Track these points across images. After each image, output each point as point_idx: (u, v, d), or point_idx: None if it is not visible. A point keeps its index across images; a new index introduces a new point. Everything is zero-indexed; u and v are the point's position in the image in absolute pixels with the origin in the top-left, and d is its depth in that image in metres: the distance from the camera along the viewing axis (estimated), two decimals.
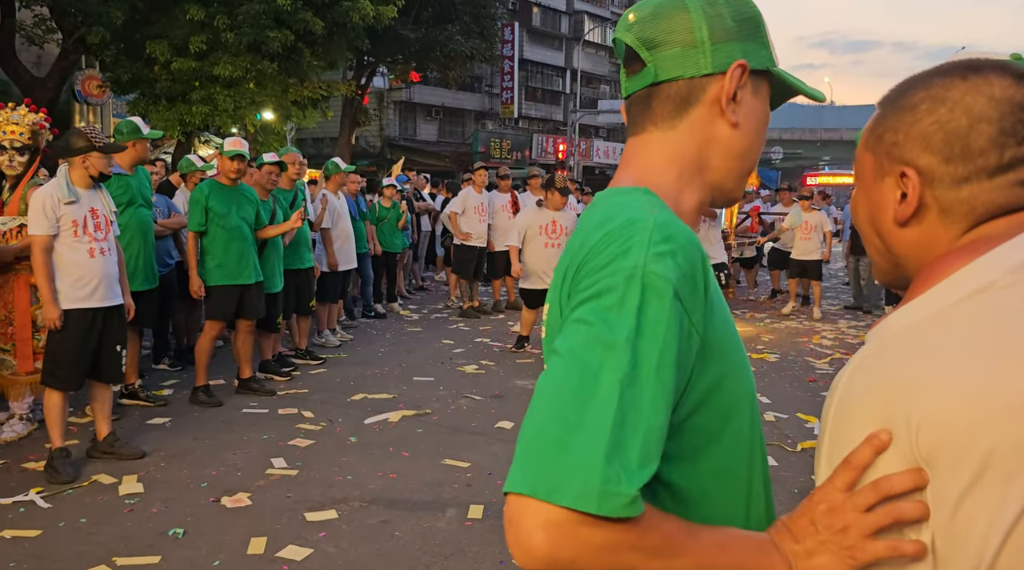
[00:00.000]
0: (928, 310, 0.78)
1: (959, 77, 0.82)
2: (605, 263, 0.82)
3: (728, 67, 0.94)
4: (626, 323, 0.77)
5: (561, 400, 0.74)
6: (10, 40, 13.28)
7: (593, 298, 0.80)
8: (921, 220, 0.84)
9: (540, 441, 0.73)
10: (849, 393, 0.79)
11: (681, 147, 0.97)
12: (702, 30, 0.94)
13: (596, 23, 37.66)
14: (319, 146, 27.38)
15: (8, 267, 4.61)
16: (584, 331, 0.78)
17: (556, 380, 0.76)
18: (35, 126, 4.70)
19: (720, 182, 1.00)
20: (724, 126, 0.96)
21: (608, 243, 0.83)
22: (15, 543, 3.39)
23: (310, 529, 3.61)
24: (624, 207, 0.89)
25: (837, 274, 16.17)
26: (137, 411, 5.34)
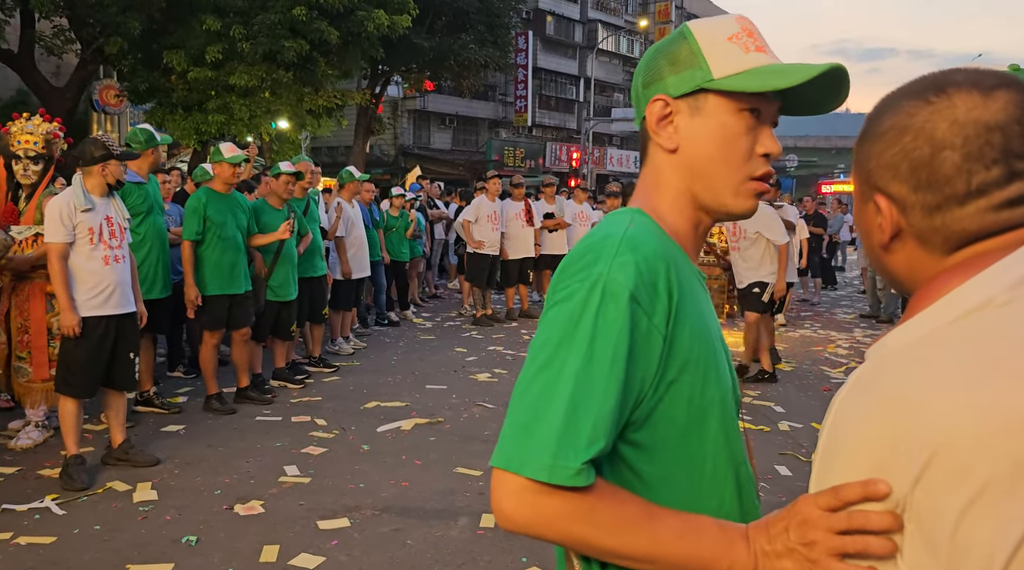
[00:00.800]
0: (926, 328, 0.77)
1: (923, 101, 0.81)
2: (577, 270, 0.96)
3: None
4: (586, 323, 0.91)
5: (530, 392, 0.92)
6: (30, 51, 13.47)
7: (563, 301, 0.95)
8: (902, 245, 0.85)
9: (514, 427, 0.91)
10: (845, 410, 0.79)
11: (653, 177, 1.11)
12: (640, 79, 1.11)
13: (610, 32, 37.70)
14: (334, 154, 27.52)
15: (24, 276, 4.65)
16: (553, 331, 0.94)
17: (528, 374, 0.93)
18: (49, 135, 4.75)
19: (699, 199, 1.09)
20: (664, 153, 1.09)
21: (584, 253, 0.97)
22: (31, 550, 3.41)
23: (322, 537, 3.61)
24: (609, 223, 1.04)
25: (852, 283, 16.07)
26: (152, 418, 5.37)
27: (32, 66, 13.54)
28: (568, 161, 32.21)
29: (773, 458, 4.76)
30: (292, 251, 6.25)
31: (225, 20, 13.04)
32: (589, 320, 0.91)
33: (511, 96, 33.75)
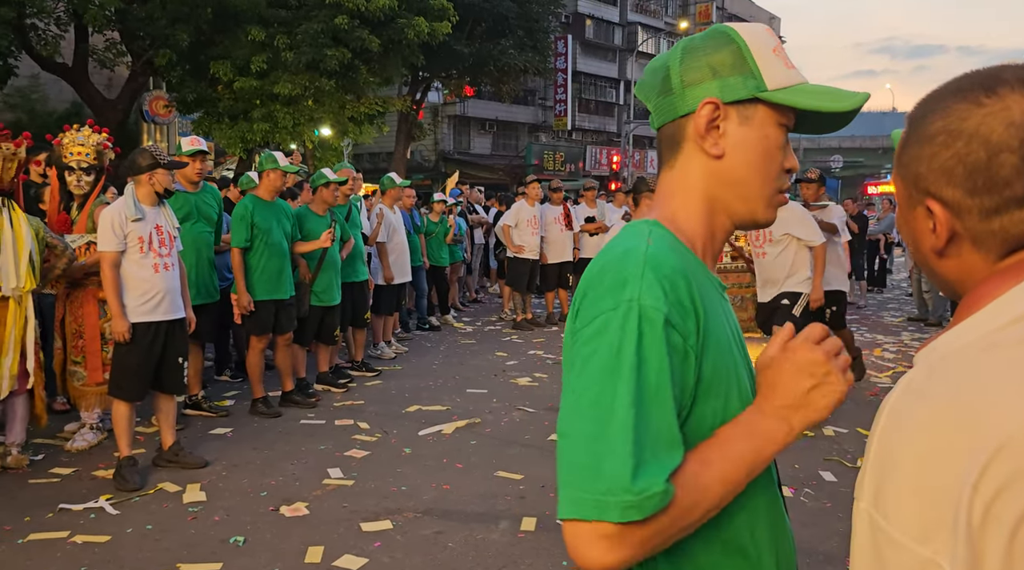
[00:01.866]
0: (976, 333, 0.77)
1: (975, 103, 0.79)
2: (603, 294, 0.95)
3: (698, 106, 1.05)
4: (628, 352, 0.90)
5: (584, 431, 0.89)
6: (83, 64, 13.90)
7: (600, 331, 0.93)
8: (957, 249, 0.83)
9: (578, 470, 0.88)
10: (897, 416, 0.78)
11: (683, 183, 1.09)
12: (677, 78, 1.06)
13: (650, 34, 37.51)
14: (375, 161, 27.84)
15: (77, 283, 4.81)
16: (594, 363, 0.92)
17: (577, 412, 0.91)
18: (99, 146, 4.91)
19: (730, 208, 1.09)
20: (708, 159, 1.06)
21: (606, 272, 0.97)
22: (86, 548, 3.53)
23: (365, 539, 3.66)
24: (628, 237, 1.03)
25: (900, 285, 15.74)
26: (200, 421, 5.51)
27: (85, 79, 13.98)
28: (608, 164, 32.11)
29: (818, 463, 4.70)
30: (336, 257, 6.35)
31: (269, 30, 13.31)
32: (631, 349, 0.90)
33: (551, 100, 33.77)
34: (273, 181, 5.74)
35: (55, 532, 3.66)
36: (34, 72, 15.33)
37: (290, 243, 5.86)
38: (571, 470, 0.88)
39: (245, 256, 5.62)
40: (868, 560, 0.80)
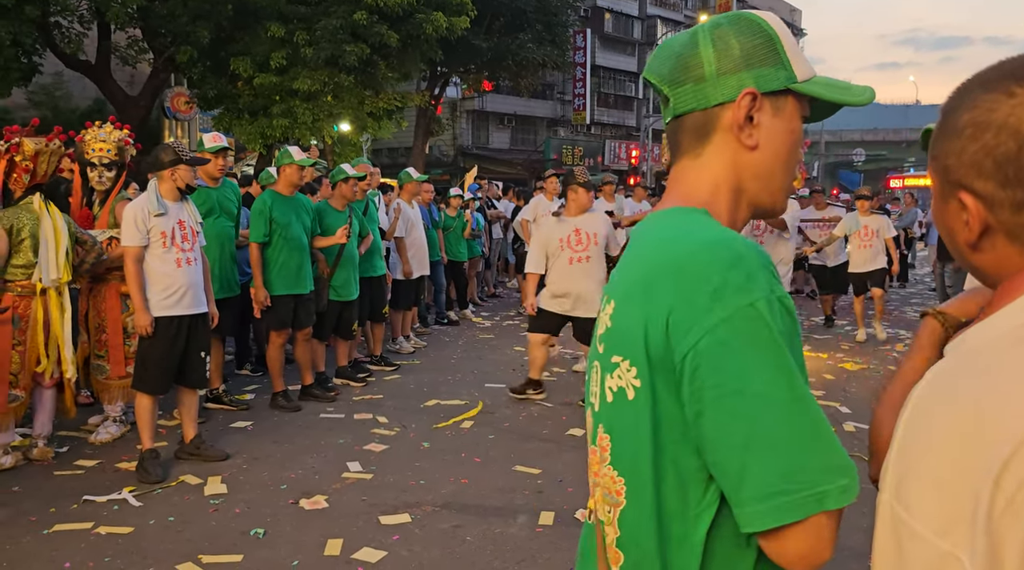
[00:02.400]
0: (1007, 325, 0.76)
1: (1004, 93, 0.78)
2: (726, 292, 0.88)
3: (737, 96, 1.01)
4: (782, 348, 0.87)
5: (776, 436, 0.86)
6: (106, 61, 14.05)
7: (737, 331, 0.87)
8: (991, 242, 0.82)
9: (783, 476, 0.85)
10: (923, 407, 0.78)
11: (712, 173, 1.05)
12: (711, 64, 1.02)
13: (669, 27, 37.26)
14: (394, 156, 27.91)
15: (100, 277, 4.87)
16: (762, 363, 0.87)
17: (759, 422, 0.86)
18: (121, 142, 4.96)
19: (755, 200, 1.07)
20: (743, 150, 1.03)
21: (716, 267, 0.90)
22: (109, 539, 3.58)
23: (384, 532, 3.68)
24: (698, 225, 0.98)
25: (924, 280, 15.56)
26: (221, 415, 5.56)
27: (108, 76, 14.13)
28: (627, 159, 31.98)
29: None
30: (354, 252, 6.38)
31: (289, 27, 13.38)
32: (783, 344, 0.87)
33: (569, 94, 33.67)
34: (289, 176, 5.76)
35: (79, 523, 3.72)
36: (58, 70, 15.53)
37: (310, 238, 5.89)
38: (773, 477, 0.85)
39: (264, 251, 5.65)
40: (889, 552, 0.79)
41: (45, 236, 4.34)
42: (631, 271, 1.01)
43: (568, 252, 5.73)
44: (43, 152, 4.33)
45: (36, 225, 4.34)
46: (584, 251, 5.72)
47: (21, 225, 4.30)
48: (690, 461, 0.92)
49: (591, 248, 5.73)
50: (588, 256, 5.72)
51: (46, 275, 4.35)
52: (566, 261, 5.74)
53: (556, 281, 5.78)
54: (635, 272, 0.99)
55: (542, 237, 5.92)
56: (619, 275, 1.05)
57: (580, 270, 5.70)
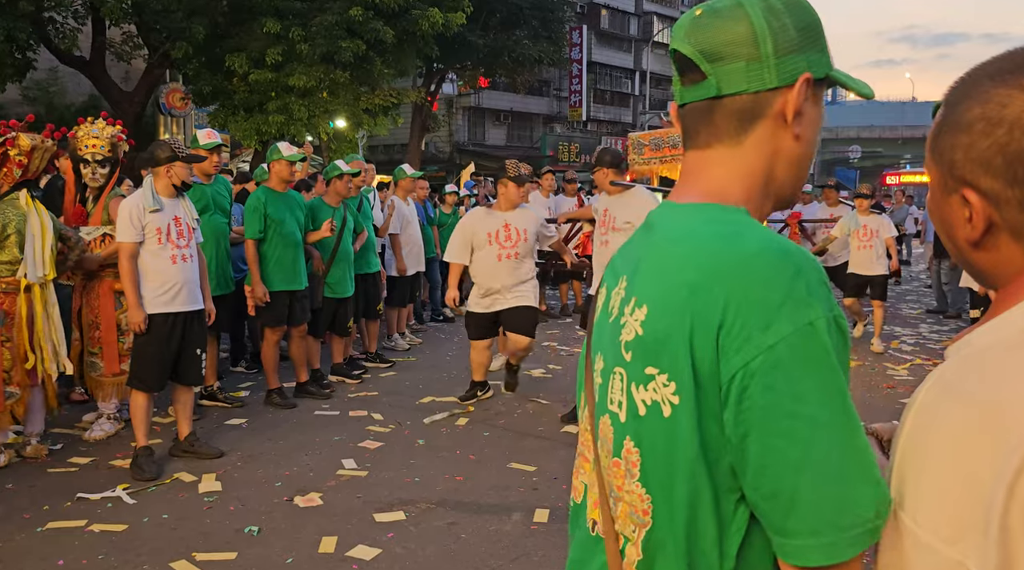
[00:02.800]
0: (1013, 328, 0.74)
1: (1018, 88, 0.75)
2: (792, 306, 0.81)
3: (795, 81, 0.92)
4: (839, 371, 0.82)
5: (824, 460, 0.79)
6: (101, 57, 14.01)
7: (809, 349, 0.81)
8: (994, 240, 0.79)
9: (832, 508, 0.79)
10: (928, 409, 0.76)
11: (750, 163, 0.96)
12: (767, 43, 0.92)
13: (665, 24, 37.24)
14: (390, 152, 27.88)
15: (94, 274, 4.86)
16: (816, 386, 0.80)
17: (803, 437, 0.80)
18: (114, 138, 4.93)
19: (780, 191, 1.00)
20: (788, 139, 0.95)
21: (772, 276, 0.83)
22: (103, 536, 3.57)
23: (379, 529, 3.68)
24: (744, 226, 0.90)
25: (919, 277, 15.60)
26: (216, 412, 5.55)
27: (103, 72, 14.08)
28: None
29: None
30: (348, 249, 6.37)
31: (284, 23, 13.34)
32: (838, 365, 0.82)
33: (565, 91, 33.66)
34: (279, 172, 5.74)
35: (73, 521, 3.70)
36: (52, 65, 15.48)
37: (303, 234, 5.88)
38: (821, 510, 0.79)
39: (259, 247, 5.64)
40: (894, 560, 0.77)
41: (32, 232, 4.32)
42: (669, 273, 0.90)
43: (496, 247, 5.47)
44: (38, 148, 4.31)
45: (23, 221, 4.32)
46: (513, 247, 5.47)
47: (7, 221, 4.28)
48: (726, 485, 0.86)
49: (520, 245, 5.48)
50: (517, 252, 5.48)
51: (32, 271, 4.33)
52: (494, 257, 5.47)
53: (482, 278, 5.56)
54: (676, 276, 0.88)
55: (468, 228, 5.59)
56: (650, 275, 0.93)
57: (507, 266, 5.48)
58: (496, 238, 5.48)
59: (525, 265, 5.55)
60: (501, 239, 5.47)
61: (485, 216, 5.60)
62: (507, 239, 5.47)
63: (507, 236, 5.48)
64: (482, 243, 5.49)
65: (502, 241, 5.46)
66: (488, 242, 5.47)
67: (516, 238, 5.48)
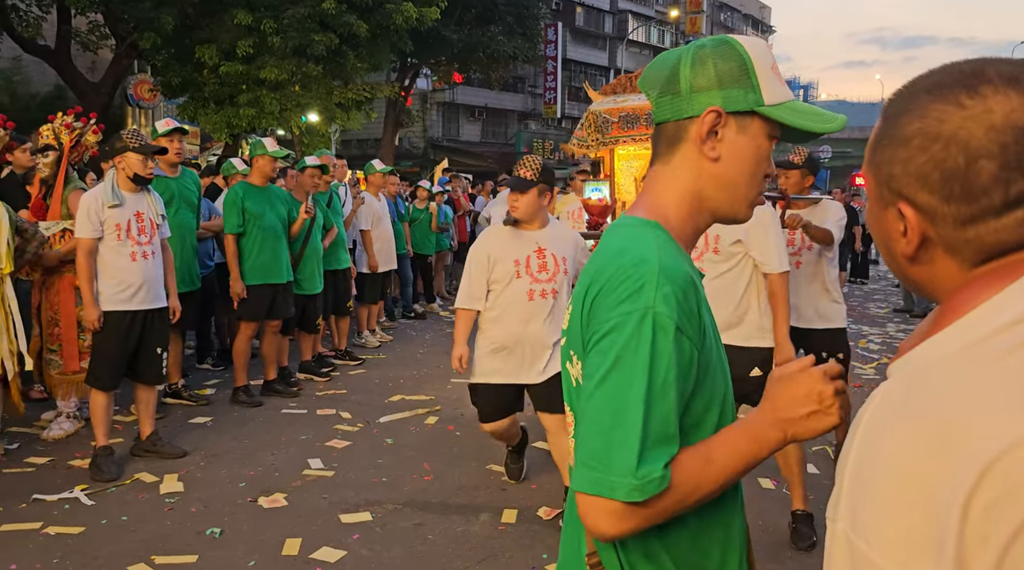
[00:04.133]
0: (958, 343, 0.72)
1: (955, 104, 0.74)
2: (620, 300, 1.05)
3: (702, 112, 1.14)
4: (643, 354, 1.02)
5: (601, 419, 1.02)
6: (66, 46, 13.70)
7: (614, 331, 1.04)
8: (929, 255, 0.79)
9: (590, 452, 1.02)
10: (874, 433, 0.73)
11: (679, 179, 1.18)
12: (687, 82, 1.14)
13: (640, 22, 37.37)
14: (363, 147, 27.67)
15: (54, 269, 4.73)
16: (611, 363, 1.03)
17: (594, 403, 1.04)
18: (59, 129, 4.80)
19: (716, 207, 1.19)
20: (706, 160, 1.15)
21: (621, 279, 1.06)
22: (59, 539, 3.47)
23: (344, 531, 3.63)
24: (636, 242, 1.11)
25: (887, 276, 15.80)
26: (180, 410, 5.44)
27: (68, 62, 13.78)
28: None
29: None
30: (318, 244, 6.29)
31: (256, 14, 13.15)
32: (645, 350, 1.02)
33: (540, 88, 33.64)
34: (262, 167, 5.71)
35: (28, 523, 3.60)
36: (16, 54, 15.13)
37: (286, 227, 5.82)
38: (588, 452, 1.02)
39: (238, 242, 5.58)
40: None
41: None
42: (583, 280, 1.14)
43: (527, 280, 3.72)
44: None
45: None
46: (550, 280, 3.73)
47: None
48: None
49: (559, 277, 3.74)
50: (555, 289, 3.74)
51: None
52: (523, 294, 3.71)
53: (504, 326, 3.76)
54: (585, 281, 1.13)
55: (485, 253, 3.77)
56: (581, 276, 1.17)
57: (542, 309, 3.72)
58: (527, 268, 3.73)
59: (560, 308, 3.77)
60: (534, 269, 3.73)
61: (510, 237, 3.77)
62: (542, 269, 3.73)
63: (542, 265, 3.73)
64: (506, 275, 3.73)
65: (535, 272, 3.72)
66: (516, 274, 3.72)
67: (554, 268, 3.73)
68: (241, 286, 5.55)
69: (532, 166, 3.68)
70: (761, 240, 3.47)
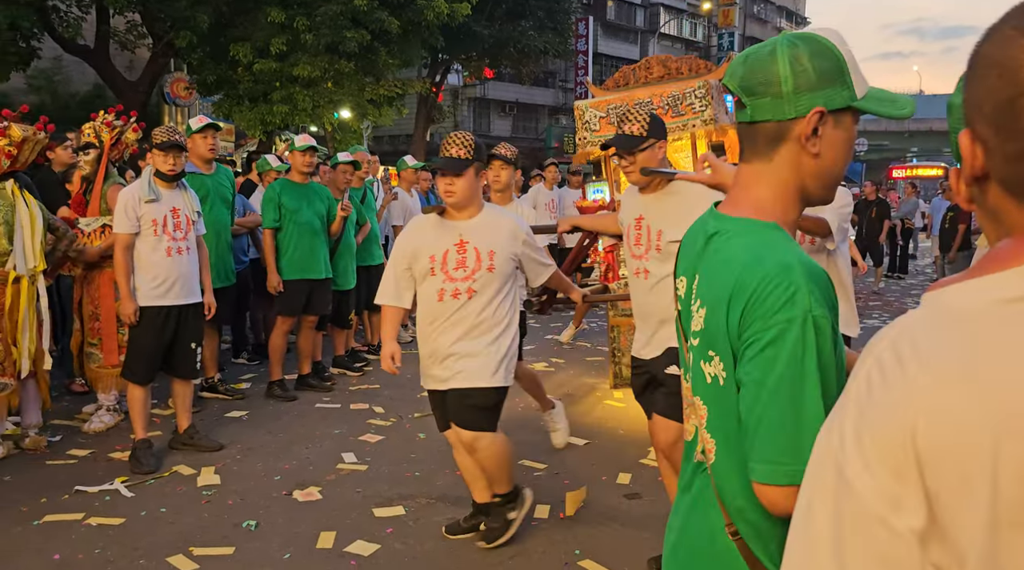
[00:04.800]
0: (999, 297, 0.68)
1: (1021, 31, 0.69)
2: (777, 308, 1.12)
3: (808, 113, 1.18)
4: (810, 358, 1.10)
5: (785, 424, 1.11)
6: (105, 46, 13.95)
7: (779, 339, 1.11)
8: (986, 189, 0.75)
9: (784, 451, 1.10)
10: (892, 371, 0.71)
11: (781, 176, 1.24)
12: (788, 83, 1.19)
13: (672, 15, 37.03)
14: (395, 143, 27.79)
15: (95, 265, 4.82)
16: (782, 369, 1.11)
17: (778, 410, 1.11)
18: (100, 127, 4.88)
19: (811, 198, 1.27)
20: (808, 157, 1.21)
21: (772, 288, 1.13)
22: (100, 530, 3.55)
23: (378, 524, 3.65)
24: (771, 248, 1.18)
25: (924, 271, 15.51)
26: (216, 404, 5.52)
27: (107, 61, 14.03)
28: None
29: None
30: (351, 240, 6.34)
31: (289, 12, 13.26)
32: (812, 354, 1.10)
33: (571, 82, 33.50)
34: (295, 163, 5.81)
35: (70, 514, 3.68)
36: (57, 54, 15.42)
37: (326, 225, 5.90)
38: (777, 450, 1.11)
39: (276, 237, 5.67)
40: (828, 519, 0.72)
41: (21, 223, 4.27)
42: (718, 287, 1.21)
43: (440, 279, 3.26)
44: (29, 140, 4.25)
45: (11, 212, 4.26)
46: (467, 279, 3.25)
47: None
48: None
49: (480, 275, 3.24)
50: (472, 289, 3.25)
51: (21, 263, 4.27)
52: (434, 294, 3.29)
53: (421, 329, 3.46)
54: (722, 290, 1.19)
55: (406, 245, 3.37)
56: (707, 284, 1.24)
57: (455, 312, 3.28)
58: (443, 265, 3.25)
59: (487, 311, 3.30)
60: (451, 266, 3.25)
61: (433, 229, 3.31)
62: (459, 265, 3.25)
63: (460, 261, 3.25)
64: (423, 272, 3.30)
65: (451, 269, 3.25)
66: (431, 271, 3.27)
67: (475, 265, 3.25)
68: (277, 280, 5.63)
69: (464, 143, 3.20)
70: None
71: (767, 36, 50.02)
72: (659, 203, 3.09)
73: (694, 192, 2.85)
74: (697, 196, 2.75)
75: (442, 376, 3.38)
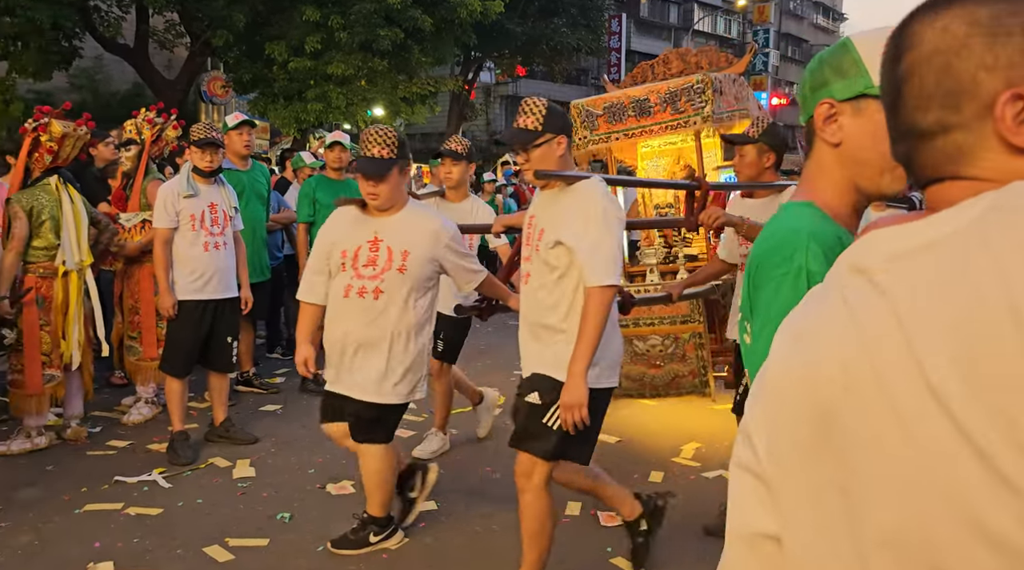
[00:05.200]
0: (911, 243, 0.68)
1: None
2: (777, 265, 1.23)
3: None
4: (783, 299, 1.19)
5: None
6: (144, 45, 14.22)
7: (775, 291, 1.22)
8: None
9: None
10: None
11: (819, 165, 1.32)
12: (807, 85, 1.31)
13: (706, 12, 36.69)
14: (427, 141, 27.90)
15: (135, 259, 4.91)
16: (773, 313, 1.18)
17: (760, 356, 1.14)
18: (141, 124, 4.98)
19: (858, 185, 1.29)
20: (830, 147, 1.28)
21: (777, 249, 1.24)
22: (139, 520, 3.61)
23: None
24: (789, 218, 1.28)
25: None
26: (251, 398, 5.59)
27: (146, 60, 14.29)
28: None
29: None
30: None
31: (323, 11, 13.40)
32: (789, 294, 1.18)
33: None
34: (328, 159, 5.91)
35: (110, 503, 3.75)
36: (98, 53, 15.74)
37: None
38: None
39: (310, 232, 5.74)
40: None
41: (66, 218, 4.37)
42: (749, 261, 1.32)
43: (348, 275, 3.13)
44: (70, 136, 4.34)
45: (56, 207, 4.36)
46: (375, 277, 3.09)
47: (41, 206, 4.32)
48: None
49: (389, 276, 3.09)
50: (378, 289, 3.09)
51: (70, 257, 4.37)
52: (340, 291, 3.15)
53: (327, 327, 3.24)
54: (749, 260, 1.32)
55: (326, 238, 3.23)
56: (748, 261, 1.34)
57: (359, 312, 3.11)
58: (355, 260, 3.12)
59: (391, 315, 3.11)
60: (361, 262, 3.11)
61: (352, 222, 3.18)
62: (369, 263, 3.10)
63: (371, 259, 3.10)
64: (336, 266, 3.18)
65: (361, 266, 3.11)
66: (342, 266, 3.15)
67: (385, 264, 3.09)
68: None
69: (386, 140, 3.00)
70: (580, 236, 2.61)
71: (803, 32, 49.34)
72: (551, 202, 2.76)
73: (589, 193, 2.66)
74: (591, 197, 2.63)
75: (339, 377, 3.23)
